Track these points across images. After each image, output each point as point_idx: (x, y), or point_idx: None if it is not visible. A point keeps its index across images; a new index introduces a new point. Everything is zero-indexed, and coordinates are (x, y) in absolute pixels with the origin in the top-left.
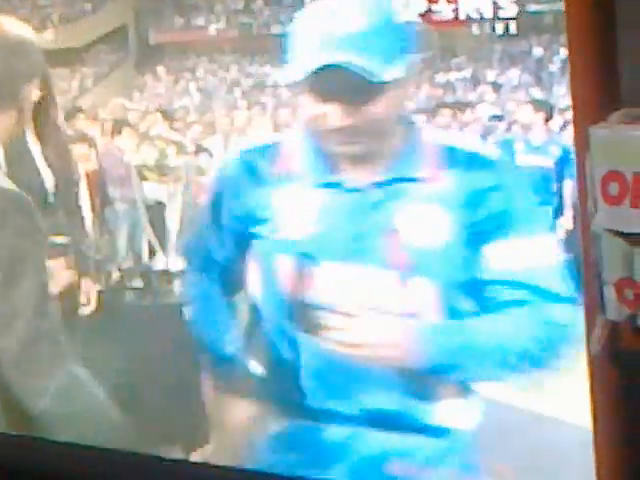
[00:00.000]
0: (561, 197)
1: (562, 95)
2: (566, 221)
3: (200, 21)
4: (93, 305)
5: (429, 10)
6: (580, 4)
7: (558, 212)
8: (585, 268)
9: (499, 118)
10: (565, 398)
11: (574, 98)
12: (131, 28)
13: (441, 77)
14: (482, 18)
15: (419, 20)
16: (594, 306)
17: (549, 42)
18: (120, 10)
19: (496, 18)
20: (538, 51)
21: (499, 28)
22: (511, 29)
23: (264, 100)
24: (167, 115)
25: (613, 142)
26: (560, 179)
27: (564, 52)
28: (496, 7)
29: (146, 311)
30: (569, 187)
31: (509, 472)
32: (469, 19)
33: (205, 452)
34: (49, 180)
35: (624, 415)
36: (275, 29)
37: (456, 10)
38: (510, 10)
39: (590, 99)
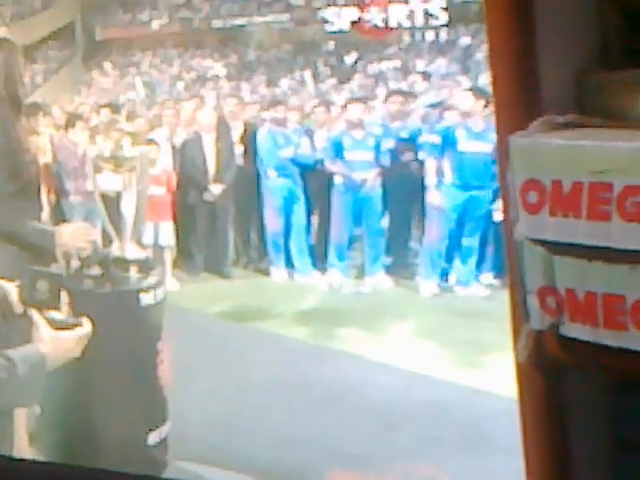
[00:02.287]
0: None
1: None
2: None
3: (144, 17)
4: None
5: (360, 19)
6: (500, 12)
7: (495, 195)
8: (510, 276)
9: (438, 106)
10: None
11: (497, 107)
12: (78, 25)
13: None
14: (413, 26)
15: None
16: (520, 314)
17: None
18: (67, 7)
19: (427, 27)
20: (465, 40)
21: (429, 36)
22: (441, 37)
23: (205, 93)
24: (117, 108)
25: (531, 150)
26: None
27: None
28: (427, 15)
29: (105, 298)
30: None
31: None
32: (400, 27)
33: (162, 432)
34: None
35: (552, 422)
36: (216, 23)
37: (386, 19)
38: (441, 18)
39: (512, 108)
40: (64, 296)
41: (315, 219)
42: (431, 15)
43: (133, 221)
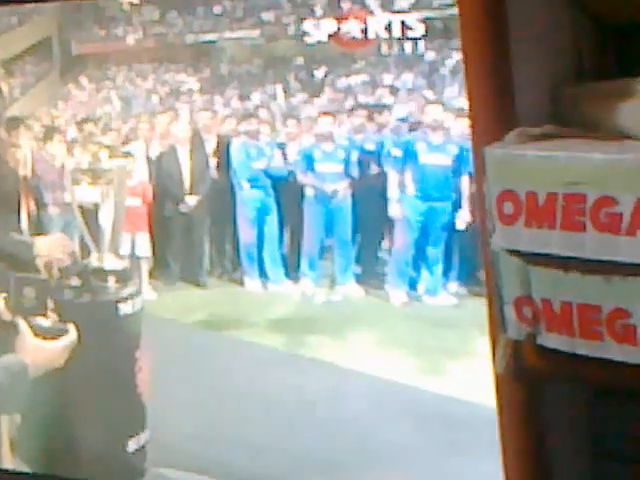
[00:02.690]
0: (459, 192)
1: (455, 96)
2: (464, 214)
3: (119, 32)
4: None
5: (338, 31)
6: (475, 24)
7: (457, 206)
8: (488, 287)
9: (407, 119)
10: None
11: (473, 119)
12: (55, 40)
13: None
14: (391, 37)
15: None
16: (497, 325)
17: (441, 46)
18: (44, 23)
19: (405, 38)
20: (430, 55)
21: (408, 47)
22: (419, 48)
23: (179, 106)
24: (95, 121)
25: (506, 162)
26: (458, 175)
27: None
28: (405, 27)
29: (84, 307)
30: (466, 182)
31: None
32: (378, 38)
33: (141, 439)
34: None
35: (531, 431)
36: (189, 39)
37: (365, 30)
38: (418, 30)
39: (488, 120)
40: (50, 302)
41: (287, 230)
42: (409, 27)
43: (111, 232)
